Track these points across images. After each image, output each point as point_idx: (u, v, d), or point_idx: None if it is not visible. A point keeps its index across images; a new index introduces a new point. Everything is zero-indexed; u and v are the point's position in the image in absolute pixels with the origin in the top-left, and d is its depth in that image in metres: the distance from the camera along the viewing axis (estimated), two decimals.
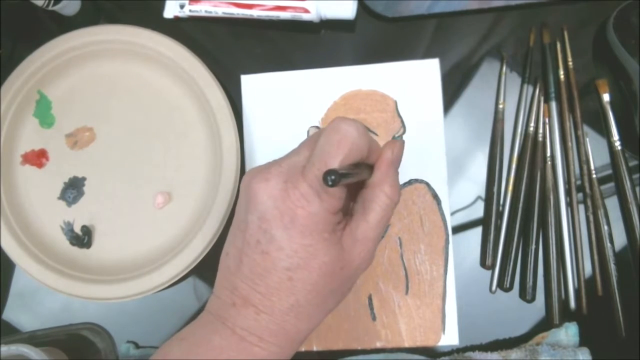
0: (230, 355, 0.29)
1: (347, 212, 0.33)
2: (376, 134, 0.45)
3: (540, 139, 0.44)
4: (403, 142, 0.33)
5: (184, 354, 0.30)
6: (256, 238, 0.29)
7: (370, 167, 0.32)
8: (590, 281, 0.42)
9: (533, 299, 0.42)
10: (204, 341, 0.30)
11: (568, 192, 0.43)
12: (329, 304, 0.32)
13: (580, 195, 0.43)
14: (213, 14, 0.47)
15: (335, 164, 0.29)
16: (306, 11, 0.46)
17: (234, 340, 0.29)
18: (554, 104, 0.44)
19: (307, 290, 0.29)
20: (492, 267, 0.43)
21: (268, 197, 0.29)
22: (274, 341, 0.30)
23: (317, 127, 0.46)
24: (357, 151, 0.29)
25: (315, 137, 0.31)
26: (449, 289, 0.43)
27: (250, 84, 0.47)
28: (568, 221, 0.42)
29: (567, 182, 0.43)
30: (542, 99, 0.44)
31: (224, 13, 0.47)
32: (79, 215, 0.47)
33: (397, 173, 0.32)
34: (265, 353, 0.30)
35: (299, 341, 0.31)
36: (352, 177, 0.29)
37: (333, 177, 0.26)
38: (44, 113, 0.48)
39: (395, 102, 0.46)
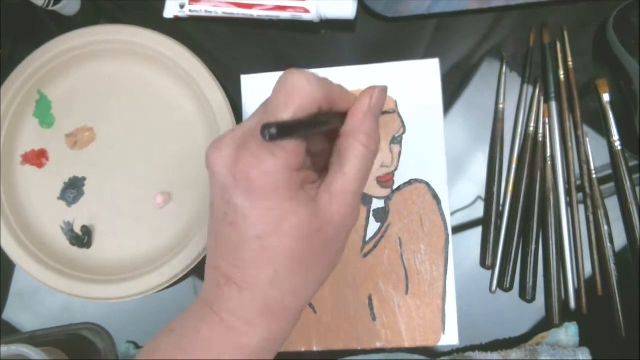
0: (219, 348, 0.28)
1: (325, 169, 0.31)
2: None
3: (540, 139, 0.44)
4: (385, 87, 0.31)
5: (172, 347, 0.29)
6: (223, 211, 0.28)
7: (343, 115, 0.29)
8: (590, 281, 0.42)
9: (533, 299, 0.42)
10: (192, 332, 0.29)
11: (568, 192, 0.43)
12: (317, 273, 0.29)
13: (580, 195, 0.43)
14: (213, 14, 0.47)
15: (285, 118, 0.26)
16: (306, 11, 0.46)
17: (221, 330, 0.28)
18: (554, 104, 0.44)
19: (284, 257, 0.27)
20: (492, 267, 0.43)
21: (222, 165, 0.28)
22: (260, 323, 0.28)
23: None
24: (310, 102, 0.27)
25: (270, 98, 0.29)
26: (449, 289, 0.43)
27: (250, 84, 0.47)
28: (568, 221, 0.42)
29: (567, 182, 0.43)
30: (542, 99, 0.44)
31: (224, 13, 0.47)
32: (79, 215, 0.47)
33: (376, 122, 0.30)
34: (255, 340, 0.28)
35: (289, 321, 0.29)
36: (315, 128, 0.27)
37: (272, 131, 0.23)
38: (44, 113, 0.48)
39: (395, 102, 0.46)
